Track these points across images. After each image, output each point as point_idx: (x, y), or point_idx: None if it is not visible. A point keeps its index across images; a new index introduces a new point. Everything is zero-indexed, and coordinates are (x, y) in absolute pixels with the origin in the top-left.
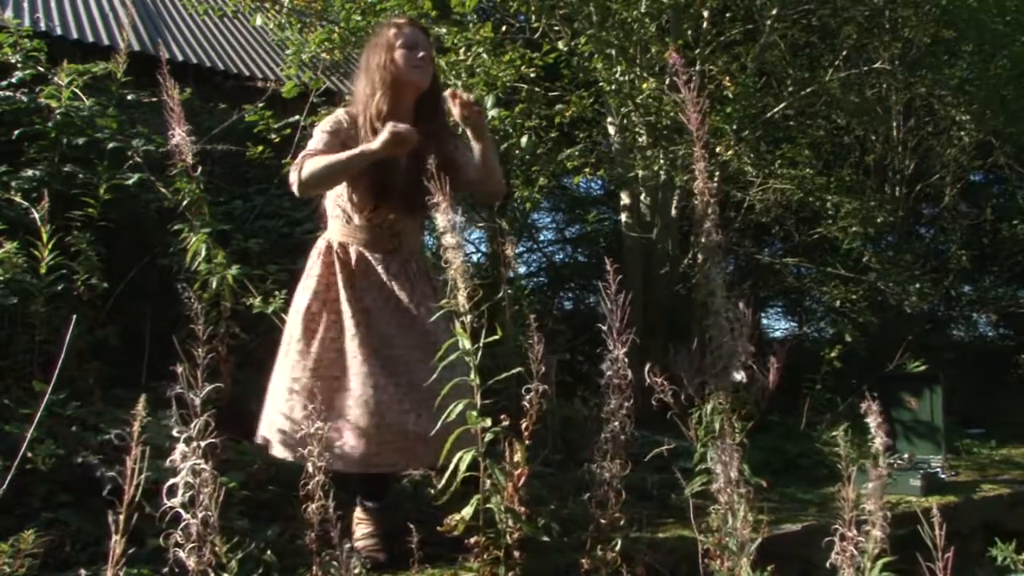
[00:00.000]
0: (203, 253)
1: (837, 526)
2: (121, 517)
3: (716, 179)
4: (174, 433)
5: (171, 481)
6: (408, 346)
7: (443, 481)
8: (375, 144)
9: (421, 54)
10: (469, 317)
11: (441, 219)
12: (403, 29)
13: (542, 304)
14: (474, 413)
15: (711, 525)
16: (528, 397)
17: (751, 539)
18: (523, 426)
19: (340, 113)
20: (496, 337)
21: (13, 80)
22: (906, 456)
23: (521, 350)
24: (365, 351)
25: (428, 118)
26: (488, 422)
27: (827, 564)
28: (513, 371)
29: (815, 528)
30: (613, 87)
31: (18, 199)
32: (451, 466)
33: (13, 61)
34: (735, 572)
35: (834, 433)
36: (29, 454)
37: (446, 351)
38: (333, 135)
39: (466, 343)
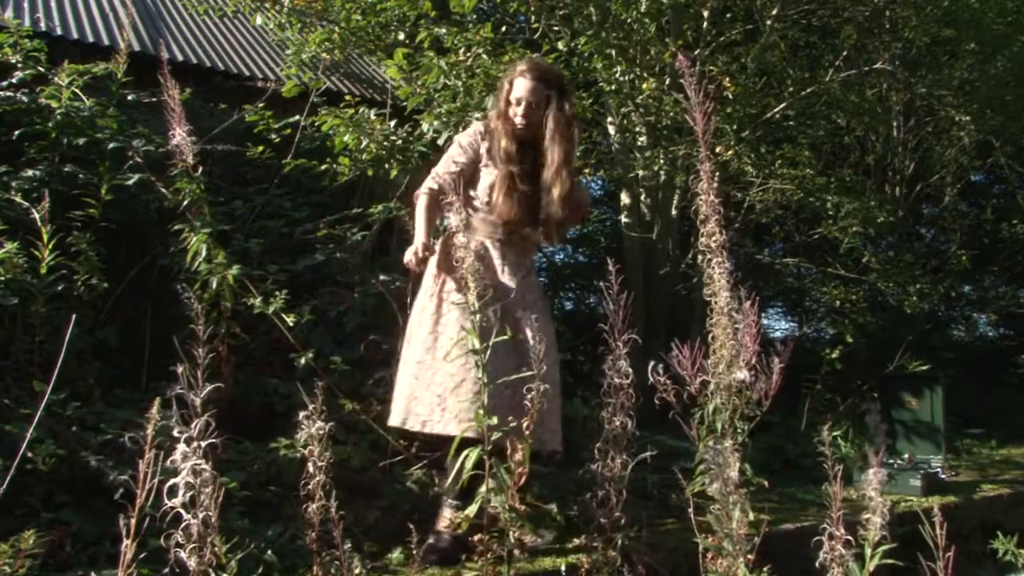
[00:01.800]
0: (203, 253)
1: (825, 526)
2: (132, 520)
3: (716, 179)
4: (175, 433)
5: (172, 481)
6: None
7: (449, 479)
8: (408, 253)
9: (521, 109)
10: (479, 315)
11: (454, 219)
12: (513, 82)
13: None
14: (481, 411)
15: (709, 525)
16: (530, 396)
17: (748, 539)
18: (525, 425)
19: (478, 126)
20: (506, 337)
21: (13, 80)
22: (906, 456)
23: None
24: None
25: (544, 150)
26: (495, 420)
27: (816, 564)
28: (526, 374)
29: (815, 528)
30: (613, 87)
31: (18, 199)
32: (457, 464)
33: (13, 61)
34: (732, 572)
35: (827, 434)
36: (29, 454)
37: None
38: (466, 150)
39: (475, 341)
